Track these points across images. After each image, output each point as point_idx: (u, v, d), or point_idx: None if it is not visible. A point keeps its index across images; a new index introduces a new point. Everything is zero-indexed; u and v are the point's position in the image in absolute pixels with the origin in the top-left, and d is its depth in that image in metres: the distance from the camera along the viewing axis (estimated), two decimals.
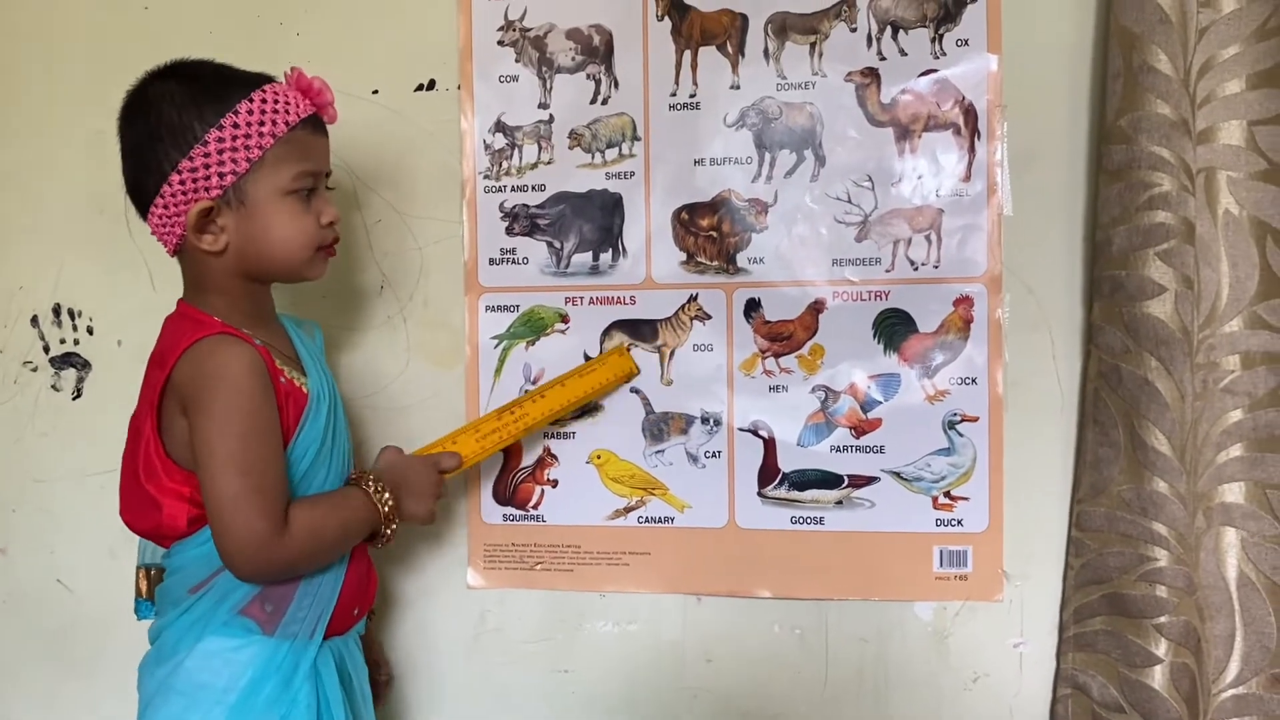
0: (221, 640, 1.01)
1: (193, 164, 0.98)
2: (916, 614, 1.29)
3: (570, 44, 1.33)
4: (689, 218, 1.31)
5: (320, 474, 1.06)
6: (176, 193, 0.99)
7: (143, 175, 1.01)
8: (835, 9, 1.28)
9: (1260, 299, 1.19)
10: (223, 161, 0.99)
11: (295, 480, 1.03)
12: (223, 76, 1.04)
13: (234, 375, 0.97)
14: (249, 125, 0.99)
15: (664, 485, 1.32)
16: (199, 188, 0.99)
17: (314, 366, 1.10)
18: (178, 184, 0.99)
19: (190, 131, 0.99)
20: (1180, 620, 1.16)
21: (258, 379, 0.99)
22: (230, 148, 0.99)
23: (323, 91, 1.06)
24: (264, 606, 1.02)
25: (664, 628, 1.34)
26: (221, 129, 0.99)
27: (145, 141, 1.01)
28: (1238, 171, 1.19)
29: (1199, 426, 1.20)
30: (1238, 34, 1.19)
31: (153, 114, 1.00)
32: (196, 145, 0.98)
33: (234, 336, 1.00)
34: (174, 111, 0.99)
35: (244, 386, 0.97)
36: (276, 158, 1.01)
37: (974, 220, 1.26)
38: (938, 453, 1.27)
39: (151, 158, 1.00)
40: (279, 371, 1.03)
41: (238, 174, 0.99)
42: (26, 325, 1.43)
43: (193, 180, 0.99)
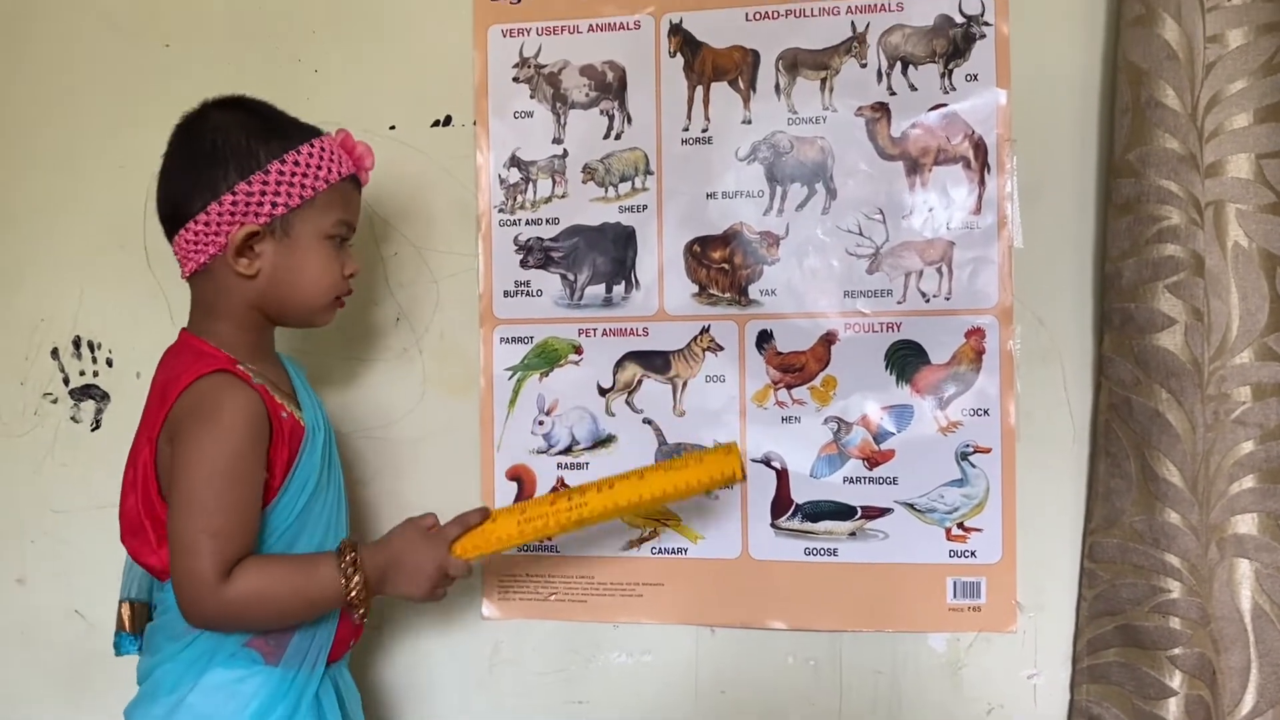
0: (226, 672, 1.02)
1: (250, 188, 1.02)
2: (930, 645, 1.29)
3: (584, 80, 1.35)
4: (701, 250, 1.33)
5: (319, 506, 1.08)
6: (225, 213, 1.02)
7: (189, 191, 1.03)
8: (845, 45, 1.30)
9: (1270, 330, 1.20)
10: (278, 192, 1.03)
11: (297, 513, 1.05)
12: (286, 118, 1.09)
13: (226, 417, 0.98)
14: (308, 166, 1.05)
15: (677, 516, 1.33)
16: (250, 212, 1.02)
17: (308, 400, 1.12)
18: (229, 204, 1.02)
19: (255, 158, 1.03)
20: (1194, 652, 1.16)
21: (251, 424, 1.00)
22: (288, 181, 1.03)
23: (365, 156, 1.12)
24: (268, 639, 1.03)
25: (678, 659, 1.34)
26: (284, 162, 1.03)
27: (203, 159, 1.03)
28: (1246, 204, 1.20)
29: (1211, 458, 1.20)
30: (1245, 69, 1.20)
31: (219, 136, 1.04)
32: (258, 171, 1.02)
33: (236, 377, 1.01)
34: (242, 136, 1.03)
35: (233, 430, 0.98)
36: (325, 202, 1.07)
37: (985, 252, 1.27)
38: (950, 484, 1.28)
39: (207, 175, 1.03)
40: (279, 408, 1.04)
41: (289, 207, 1.04)
42: (47, 357, 1.45)
43: (245, 204, 1.02)
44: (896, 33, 1.29)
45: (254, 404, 1.01)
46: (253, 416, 1.00)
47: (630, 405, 1.34)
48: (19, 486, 1.46)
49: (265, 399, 1.02)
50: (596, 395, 1.35)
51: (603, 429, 1.35)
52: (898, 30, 1.29)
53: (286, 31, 1.40)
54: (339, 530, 1.12)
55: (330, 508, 1.10)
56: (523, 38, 1.36)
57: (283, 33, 1.40)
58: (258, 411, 1.01)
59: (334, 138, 1.09)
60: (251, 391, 1.01)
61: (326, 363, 1.37)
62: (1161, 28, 1.18)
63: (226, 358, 1.04)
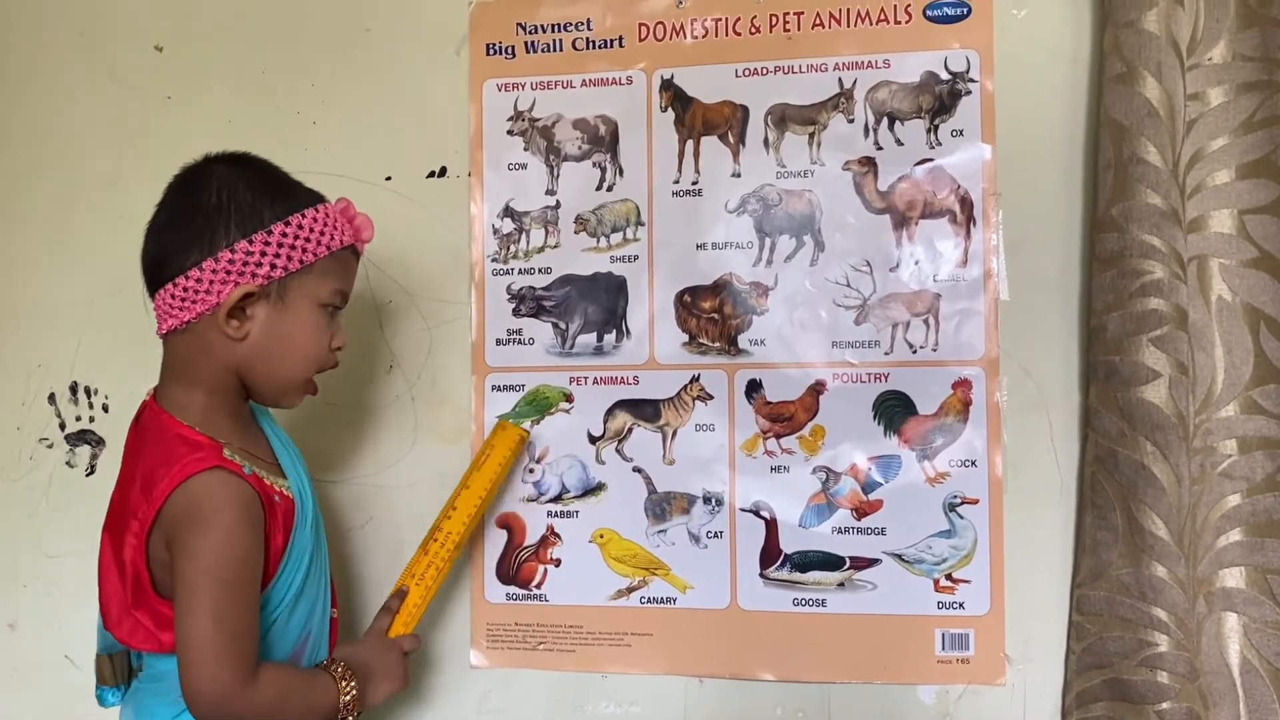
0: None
1: (250, 247, 0.98)
2: (919, 697, 1.29)
3: (577, 133, 1.37)
4: (691, 300, 1.34)
5: (315, 570, 1.07)
6: (221, 270, 0.98)
7: (184, 244, 0.99)
8: (833, 101, 1.32)
9: (1255, 384, 1.21)
10: (279, 254, 0.99)
11: (298, 584, 1.04)
12: (291, 180, 1.06)
13: (224, 521, 0.96)
14: (310, 230, 1.01)
15: (666, 565, 1.33)
16: (247, 272, 0.98)
17: (290, 462, 1.09)
18: (225, 262, 0.98)
19: (259, 216, 0.99)
20: (1183, 707, 1.15)
21: (251, 524, 0.97)
22: (290, 244, 1.00)
23: (364, 228, 1.08)
24: None
25: (666, 710, 1.34)
26: (288, 224, 1.00)
27: (202, 213, 0.99)
28: (1229, 259, 1.22)
29: (1197, 511, 1.21)
30: (1226, 126, 1.22)
31: (223, 191, 1.00)
32: (260, 231, 0.99)
33: (228, 473, 0.97)
34: (248, 193, 1.00)
35: (237, 534, 0.96)
36: (324, 269, 1.04)
37: (971, 304, 1.28)
38: (939, 535, 1.28)
39: (205, 230, 0.99)
40: (271, 492, 1.01)
41: (288, 270, 1.00)
42: (44, 403, 1.46)
43: (243, 263, 0.98)
44: (883, 89, 1.31)
45: (251, 501, 0.98)
46: (252, 515, 0.98)
47: (620, 453, 1.35)
48: (12, 531, 1.47)
49: (258, 489, 0.99)
50: (587, 443, 1.35)
51: (593, 477, 1.35)
52: (884, 86, 1.31)
53: (286, 84, 1.43)
54: (326, 585, 1.12)
55: (322, 568, 1.10)
56: (517, 92, 1.38)
57: (282, 85, 1.43)
58: (254, 508, 0.98)
59: (336, 205, 1.07)
60: (246, 487, 0.98)
61: (319, 409, 1.38)
62: (1143, 86, 1.20)
63: (213, 447, 0.99)
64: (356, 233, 1.08)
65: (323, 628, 1.11)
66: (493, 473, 1.27)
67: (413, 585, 1.20)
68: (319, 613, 1.09)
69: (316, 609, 1.08)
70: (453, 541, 1.22)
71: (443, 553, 1.22)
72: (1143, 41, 1.20)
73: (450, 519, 1.24)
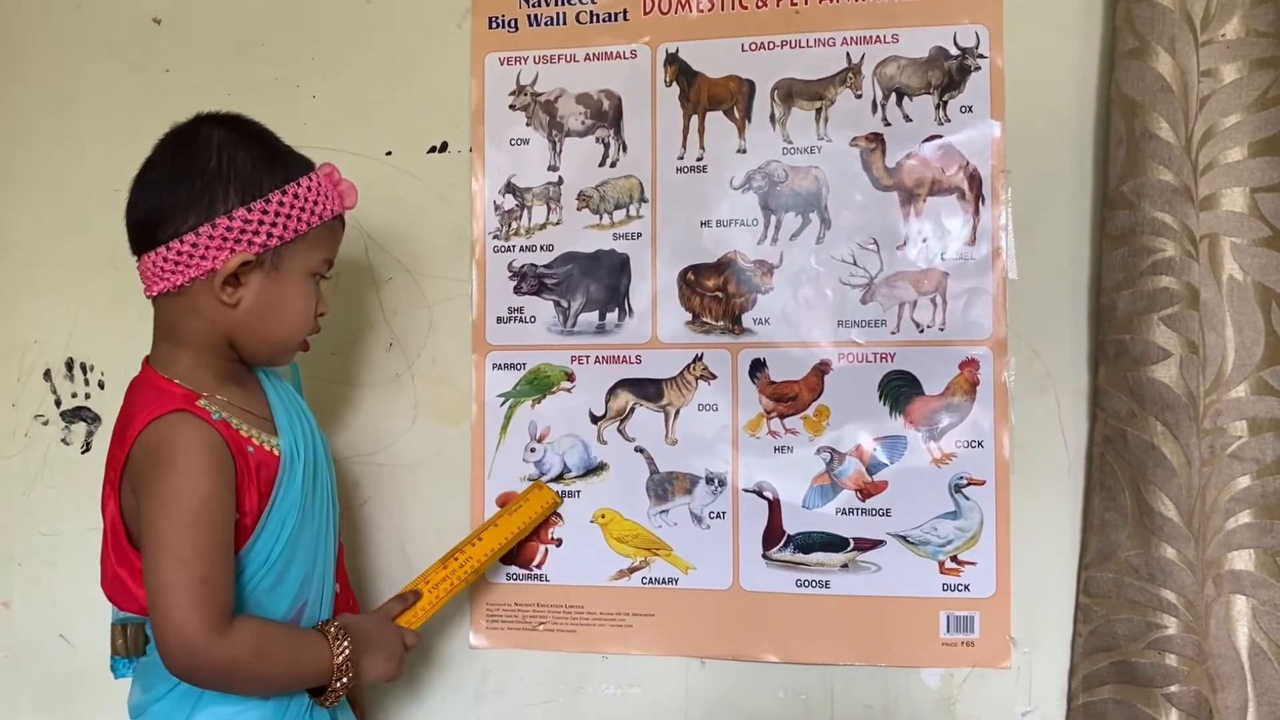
0: (223, 708, 0.99)
1: (249, 215, 0.97)
2: (923, 681, 1.28)
3: (580, 108, 1.35)
4: (695, 278, 1.32)
5: (307, 534, 1.04)
6: (219, 237, 0.97)
7: (180, 208, 0.97)
8: (841, 76, 1.30)
9: (1266, 364, 1.19)
10: (275, 223, 0.98)
11: (283, 545, 1.00)
12: (284, 145, 1.05)
13: (185, 460, 0.94)
14: (305, 200, 1.01)
15: (668, 546, 1.32)
16: (244, 240, 0.97)
17: (289, 421, 1.06)
18: (224, 229, 0.97)
19: (259, 185, 0.98)
20: (1191, 690, 1.14)
21: (214, 466, 0.95)
22: (288, 214, 0.99)
23: (349, 194, 1.07)
24: None
25: (667, 691, 1.32)
26: (285, 193, 0.99)
27: (201, 177, 0.98)
28: (1241, 238, 1.20)
29: (1207, 492, 1.19)
30: (1239, 103, 1.20)
31: (224, 155, 0.99)
32: (259, 199, 0.98)
33: (193, 416, 0.96)
34: (248, 160, 0.99)
35: (197, 473, 0.94)
36: (316, 238, 1.03)
37: (979, 283, 1.27)
38: (944, 516, 1.27)
39: (204, 194, 0.97)
40: (245, 441, 0.99)
41: (284, 240, 0.99)
42: (39, 379, 1.45)
43: (242, 231, 0.97)
44: (891, 64, 1.29)
45: (214, 444, 0.96)
46: (213, 457, 0.95)
47: (622, 433, 1.33)
48: (7, 508, 1.45)
49: (226, 436, 0.97)
50: (589, 423, 1.34)
51: (594, 457, 1.34)
52: (893, 62, 1.29)
53: (285, 58, 1.41)
54: (327, 556, 1.09)
55: (319, 532, 1.07)
56: (520, 66, 1.36)
57: (282, 59, 1.41)
58: (220, 453, 0.96)
59: (322, 171, 1.05)
60: (210, 431, 0.96)
61: (318, 387, 1.36)
62: (1155, 61, 1.18)
63: (185, 394, 0.98)
64: (341, 199, 1.07)
65: (320, 599, 1.07)
66: (521, 521, 1.27)
67: (426, 591, 1.18)
68: (316, 583, 1.06)
69: (314, 578, 1.06)
70: (471, 566, 1.21)
71: (460, 572, 1.20)
72: (1156, 16, 1.18)
73: (475, 546, 1.23)
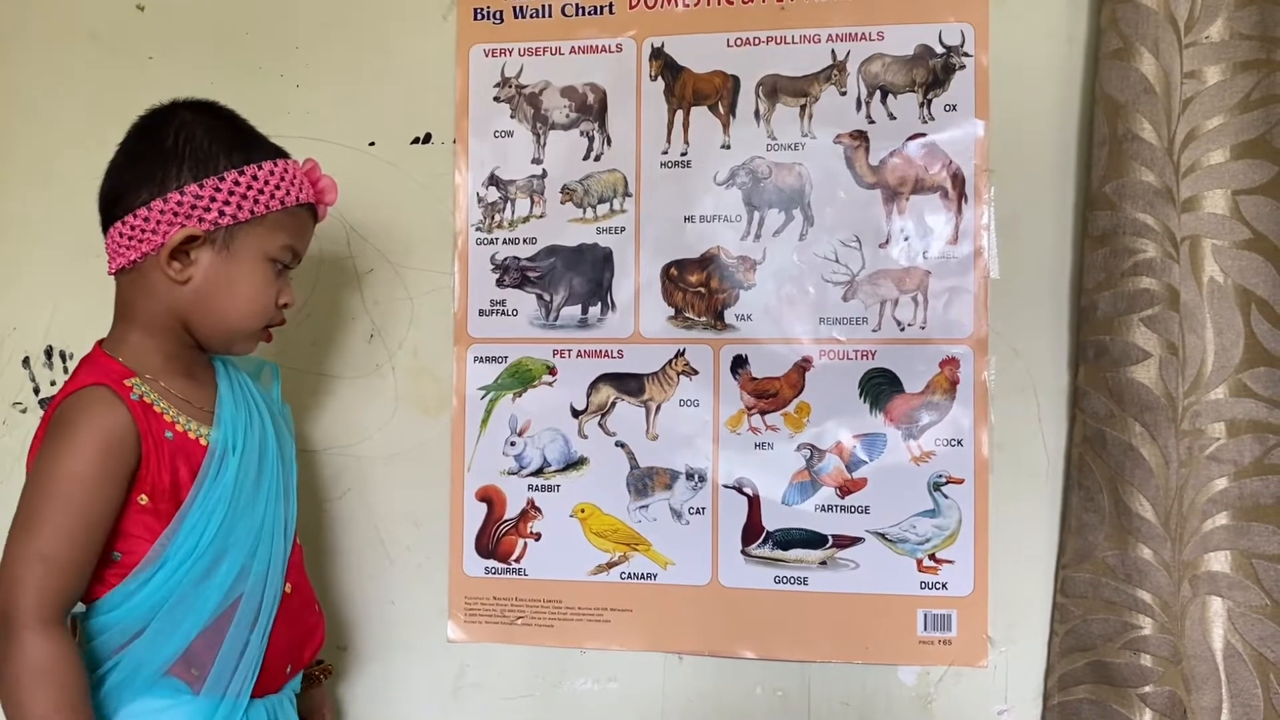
0: (150, 701, 0.97)
1: (200, 191, 0.98)
2: (900, 678, 1.28)
3: (565, 101, 1.35)
4: (678, 273, 1.32)
5: (241, 528, 1.01)
6: (168, 211, 0.98)
7: (136, 183, 0.99)
8: (825, 73, 1.30)
9: (1245, 367, 1.19)
10: (229, 202, 0.98)
11: (209, 538, 0.98)
12: (255, 133, 1.06)
13: (76, 437, 0.93)
14: (265, 183, 1.01)
15: (647, 541, 1.32)
16: (195, 215, 0.98)
17: (234, 415, 1.04)
18: (174, 203, 0.97)
19: (213, 162, 0.99)
20: (1165, 690, 1.14)
21: (103, 448, 0.93)
22: (242, 194, 0.99)
23: (328, 191, 1.08)
24: (189, 669, 0.98)
25: (645, 687, 1.32)
26: (242, 173, 0.99)
27: (158, 154, 0.99)
28: (1222, 240, 1.20)
29: (1184, 494, 1.19)
30: (1222, 105, 1.21)
31: (182, 134, 1.00)
32: (212, 177, 0.98)
33: (109, 393, 0.95)
34: (205, 139, 1.00)
35: (79, 452, 0.92)
36: (275, 223, 1.02)
37: (961, 282, 1.27)
38: (923, 514, 1.27)
39: (158, 170, 0.99)
40: (166, 425, 0.98)
41: (237, 219, 0.99)
42: (18, 366, 1.44)
43: (192, 206, 0.98)
44: (876, 61, 1.29)
45: (115, 425, 0.94)
46: (107, 441, 0.94)
47: (603, 428, 1.33)
48: None
49: (140, 417, 0.95)
50: (569, 417, 1.34)
51: (575, 451, 1.33)
52: (878, 59, 1.29)
53: (269, 47, 1.40)
54: (273, 555, 1.04)
55: (261, 530, 1.03)
56: (504, 58, 1.36)
57: (265, 48, 1.40)
58: (117, 433, 0.94)
59: (298, 164, 1.06)
60: (118, 411, 0.95)
61: (299, 378, 1.36)
62: (1139, 62, 1.18)
63: (118, 371, 0.98)
64: (319, 194, 1.07)
65: (261, 597, 1.02)
66: None
67: None
68: (256, 580, 1.02)
69: (252, 575, 1.02)
70: None
71: None
72: (1140, 17, 1.18)
73: None
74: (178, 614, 0.97)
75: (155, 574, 0.96)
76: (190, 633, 0.98)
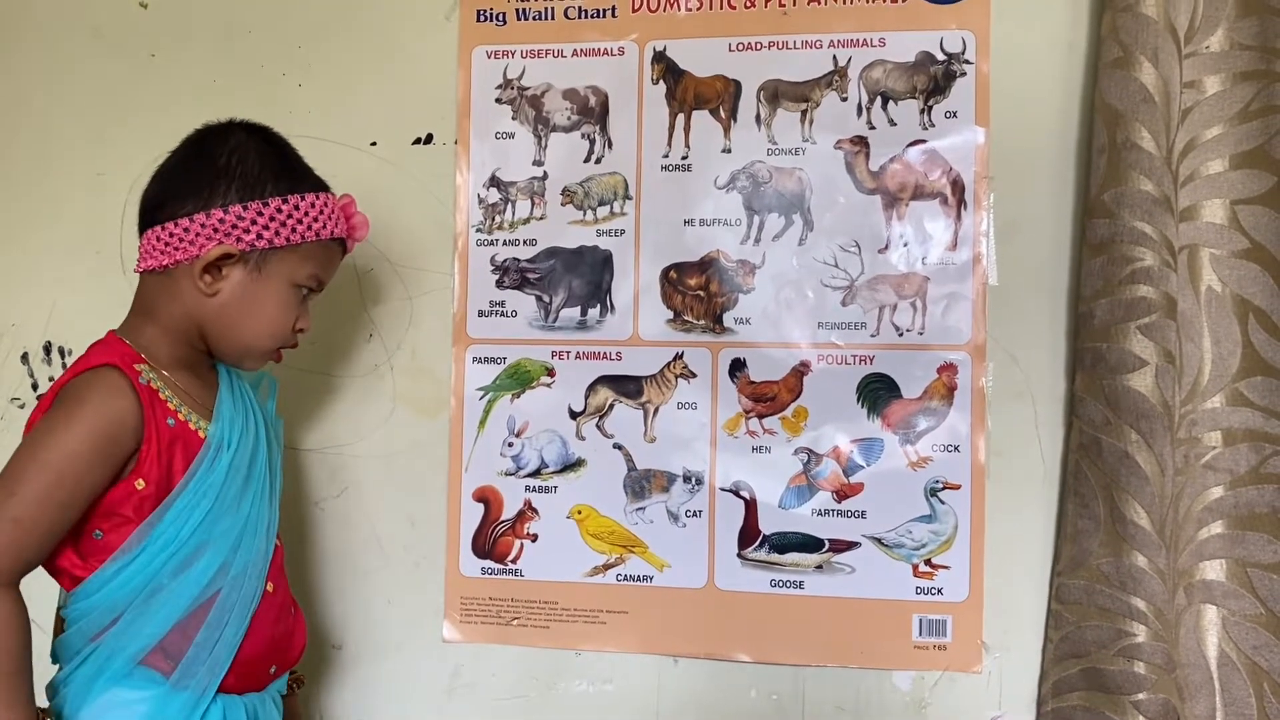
0: (125, 692, 0.98)
1: (244, 213, 1.01)
2: (895, 683, 1.28)
3: (567, 104, 1.35)
4: (677, 276, 1.32)
5: (225, 523, 1.02)
6: (210, 227, 1.01)
7: (182, 193, 1.02)
8: (827, 78, 1.30)
9: (1242, 376, 1.20)
10: (269, 227, 1.02)
11: (191, 530, 0.99)
12: (302, 164, 1.09)
13: (79, 414, 0.95)
14: (305, 214, 1.04)
15: (644, 543, 1.32)
16: (233, 235, 1.01)
17: (231, 414, 1.06)
18: (216, 220, 1.01)
19: (260, 187, 1.02)
20: (1159, 698, 1.14)
21: (104, 427, 0.95)
22: (281, 221, 1.02)
23: (360, 227, 1.11)
24: (164, 657, 0.99)
25: (639, 689, 1.32)
26: (285, 201, 1.03)
27: (208, 169, 1.03)
28: (1220, 249, 1.21)
29: (1180, 502, 1.20)
30: (1221, 115, 1.21)
31: (235, 155, 1.03)
32: (256, 200, 1.02)
33: (119, 375, 0.97)
34: (256, 163, 1.03)
35: (79, 429, 0.94)
36: (307, 252, 1.06)
37: (959, 288, 1.27)
38: (919, 519, 1.27)
39: (206, 185, 1.02)
40: (169, 412, 1.00)
41: (273, 244, 1.02)
42: (17, 362, 1.44)
43: (233, 225, 1.01)
44: (878, 68, 1.29)
45: (120, 406, 0.96)
46: (109, 423, 0.96)
47: (601, 430, 1.33)
48: None
49: (146, 402, 0.98)
50: (567, 418, 1.34)
51: (572, 453, 1.34)
52: (879, 65, 1.29)
53: (272, 45, 1.40)
54: (254, 554, 1.05)
55: (245, 529, 1.04)
56: (507, 60, 1.36)
57: (268, 46, 1.40)
58: (119, 418, 0.96)
59: (337, 199, 1.09)
60: (125, 395, 0.97)
61: (297, 376, 1.36)
62: (1139, 71, 1.18)
63: (130, 355, 1.00)
64: (352, 230, 1.11)
65: (239, 594, 1.02)
66: None
67: None
68: (235, 577, 1.02)
69: (232, 571, 1.02)
70: None
71: None
72: (1141, 26, 1.18)
73: None
74: (153, 604, 0.98)
75: (134, 560, 0.97)
76: (165, 624, 0.99)
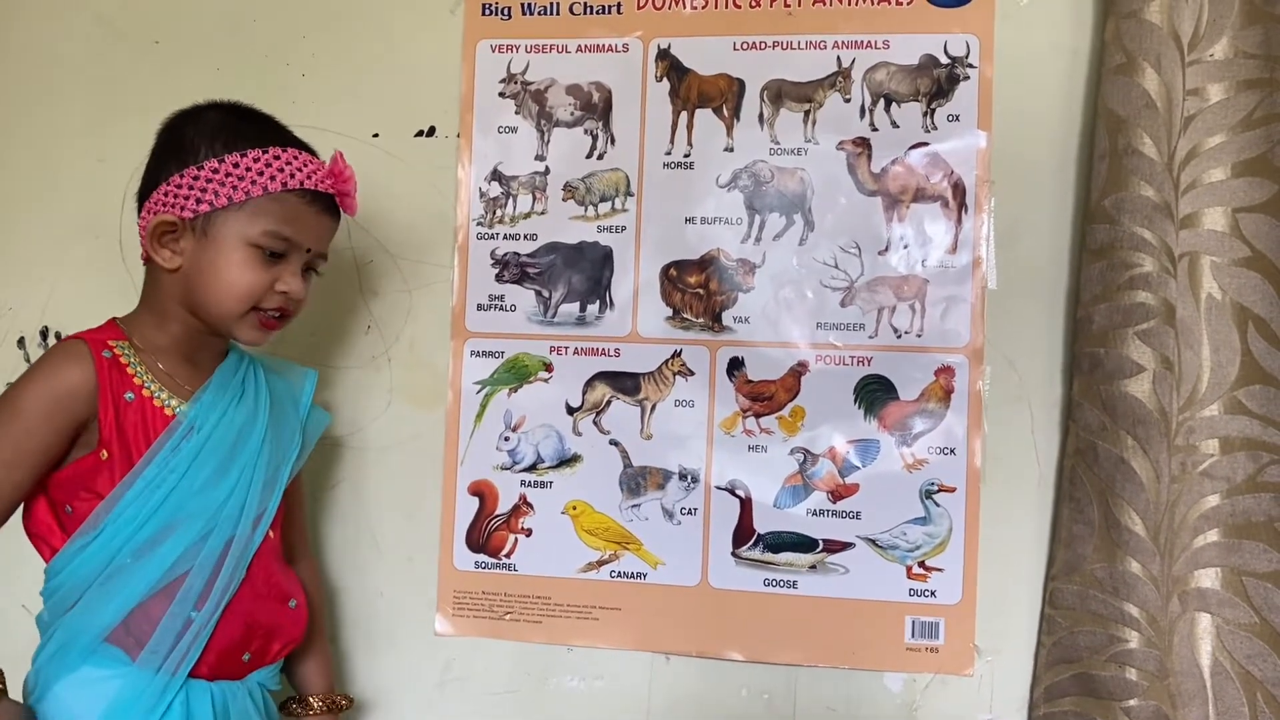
0: (93, 670, 0.98)
1: (181, 180, 1.02)
2: (886, 685, 1.28)
3: (570, 99, 1.35)
4: (677, 274, 1.32)
5: (192, 505, 1.02)
6: (158, 203, 1.03)
7: (147, 179, 1.06)
8: (830, 79, 1.30)
9: (1241, 384, 1.20)
10: (206, 189, 1.01)
11: (151, 510, 0.99)
12: (259, 128, 1.07)
13: (34, 376, 0.99)
14: (246, 170, 1.02)
15: (638, 540, 1.32)
16: (173, 204, 1.02)
17: (215, 400, 1.05)
18: (161, 194, 1.03)
19: (193, 154, 1.03)
20: (1150, 705, 1.14)
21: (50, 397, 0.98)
22: (218, 181, 1.02)
23: (347, 181, 1.08)
24: (130, 637, 0.99)
25: (631, 686, 1.32)
26: (221, 161, 1.02)
27: (159, 150, 1.06)
28: (1220, 257, 1.21)
29: (1175, 509, 1.20)
30: (1223, 123, 1.21)
31: (177, 132, 1.05)
32: (191, 167, 1.02)
33: (83, 347, 1.00)
34: (192, 133, 1.04)
35: (30, 391, 0.98)
36: (257, 209, 1.02)
37: (958, 291, 1.27)
38: (914, 521, 1.27)
39: (157, 166, 1.05)
40: (131, 386, 1.01)
41: (212, 206, 1.02)
42: (13, 347, 1.44)
43: (173, 196, 1.02)
44: (881, 70, 1.29)
45: (73, 373, 0.99)
46: (57, 386, 0.98)
47: (598, 426, 1.33)
48: None
49: (103, 374, 0.99)
50: (564, 414, 1.34)
51: (568, 448, 1.33)
52: (883, 68, 1.29)
53: (276, 34, 1.40)
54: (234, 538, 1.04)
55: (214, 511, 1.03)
56: (511, 54, 1.36)
57: (272, 35, 1.40)
58: (71, 382, 0.98)
59: (306, 154, 1.06)
60: (80, 364, 0.99)
61: None
62: (1142, 77, 1.19)
63: (107, 333, 1.03)
64: (332, 183, 1.07)
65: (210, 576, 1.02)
66: None
67: None
68: (204, 559, 1.02)
69: (200, 554, 1.01)
70: None
71: None
72: (1144, 32, 1.19)
73: None
74: (115, 583, 0.99)
75: (96, 538, 0.98)
76: (128, 603, 0.99)
